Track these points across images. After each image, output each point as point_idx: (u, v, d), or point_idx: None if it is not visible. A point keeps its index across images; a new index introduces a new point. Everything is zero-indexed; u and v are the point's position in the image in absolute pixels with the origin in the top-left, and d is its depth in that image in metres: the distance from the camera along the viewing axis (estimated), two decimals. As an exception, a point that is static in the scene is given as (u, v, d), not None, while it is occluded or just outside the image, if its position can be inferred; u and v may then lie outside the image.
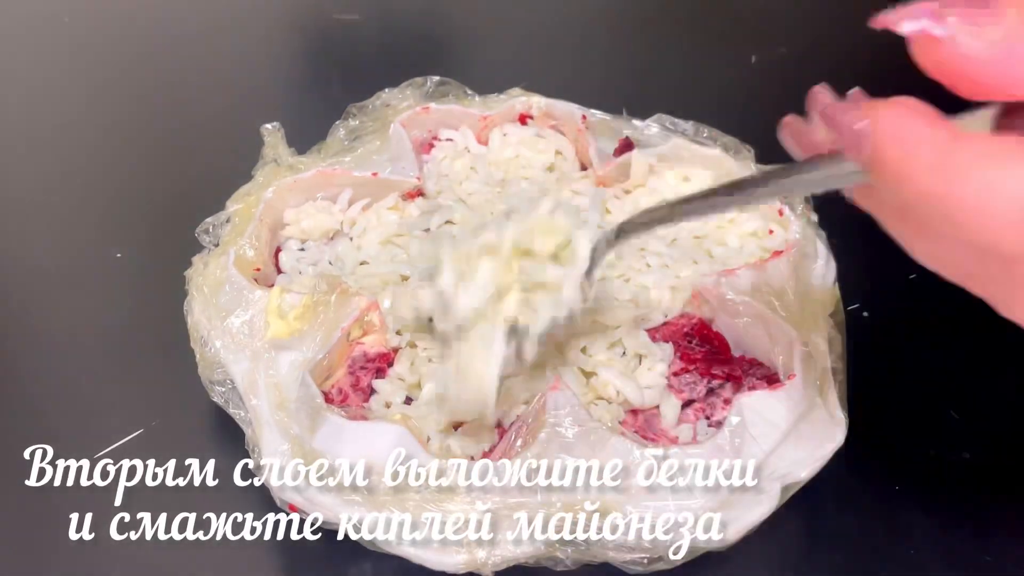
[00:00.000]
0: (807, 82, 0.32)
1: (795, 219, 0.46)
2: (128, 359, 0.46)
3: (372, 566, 0.38)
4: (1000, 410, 0.45)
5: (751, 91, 0.65)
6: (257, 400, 0.40)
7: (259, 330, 0.42)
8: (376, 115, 0.54)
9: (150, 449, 0.42)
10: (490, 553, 0.34)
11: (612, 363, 0.42)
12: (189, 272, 0.45)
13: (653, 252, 0.46)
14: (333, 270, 0.46)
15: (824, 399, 0.40)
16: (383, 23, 0.73)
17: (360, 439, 0.36)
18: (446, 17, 0.75)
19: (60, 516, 0.40)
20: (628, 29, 0.73)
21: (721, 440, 0.37)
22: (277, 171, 0.49)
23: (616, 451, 0.36)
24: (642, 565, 0.35)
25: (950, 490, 0.41)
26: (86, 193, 0.57)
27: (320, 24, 0.74)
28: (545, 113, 0.54)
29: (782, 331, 0.41)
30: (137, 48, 0.71)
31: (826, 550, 0.39)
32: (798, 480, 0.38)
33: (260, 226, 0.46)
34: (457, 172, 0.52)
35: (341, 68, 0.69)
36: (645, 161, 0.49)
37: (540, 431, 0.36)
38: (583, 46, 0.71)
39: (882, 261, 0.52)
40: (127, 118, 0.64)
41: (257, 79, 0.68)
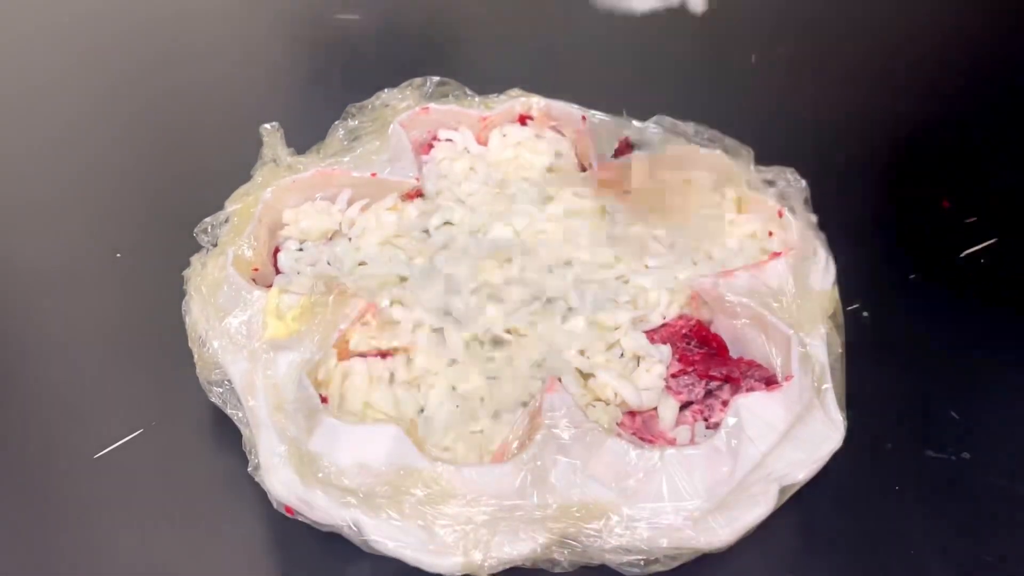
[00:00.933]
0: (807, 82, 0.32)
1: (795, 221, 0.46)
2: (128, 359, 0.46)
3: (370, 568, 0.38)
4: (1000, 410, 0.45)
5: (751, 91, 0.66)
6: (255, 401, 0.40)
7: (257, 330, 0.42)
8: (375, 115, 0.53)
9: (150, 449, 0.42)
10: (486, 555, 0.34)
11: (610, 365, 0.42)
12: (187, 272, 0.45)
13: (653, 253, 0.46)
14: (331, 270, 0.46)
15: (822, 401, 0.40)
16: (383, 23, 0.73)
17: (356, 441, 0.36)
18: (446, 17, 0.75)
19: (60, 516, 0.40)
20: (628, 29, 0.73)
21: (718, 442, 0.37)
22: (276, 171, 0.49)
23: (612, 453, 0.36)
24: (639, 567, 0.35)
25: (950, 490, 0.41)
26: (86, 194, 0.57)
27: (320, 24, 0.74)
28: (544, 114, 0.54)
29: (780, 333, 0.41)
30: (136, 49, 0.71)
31: (826, 550, 0.39)
32: (796, 482, 0.38)
33: (259, 226, 0.46)
34: (456, 173, 0.52)
35: (341, 68, 0.69)
36: (645, 163, 0.49)
37: (536, 433, 0.36)
38: (583, 46, 0.71)
39: (882, 261, 0.52)
40: (126, 119, 0.63)
41: (256, 79, 0.68)
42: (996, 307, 0.50)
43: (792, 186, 0.48)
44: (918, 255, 0.53)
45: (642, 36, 0.68)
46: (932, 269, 0.52)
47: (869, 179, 0.59)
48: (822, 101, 0.65)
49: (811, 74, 0.67)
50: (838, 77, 0.67)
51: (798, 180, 0.48)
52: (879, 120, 0.65)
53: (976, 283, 0.51)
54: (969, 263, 0.52)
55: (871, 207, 0.57)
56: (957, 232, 0.54)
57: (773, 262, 0.44)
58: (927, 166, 0.61)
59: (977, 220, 0.55)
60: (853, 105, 0.65)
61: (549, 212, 0.49)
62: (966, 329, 0.48)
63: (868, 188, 0.58)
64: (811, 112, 0.64)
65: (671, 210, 0.49)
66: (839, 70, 0.68)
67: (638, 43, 0.68)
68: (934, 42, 0.74)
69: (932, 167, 0.60)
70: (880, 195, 0.58)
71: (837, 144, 0.61)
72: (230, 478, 0.40)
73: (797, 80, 0.66)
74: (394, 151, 0.51)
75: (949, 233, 0.54)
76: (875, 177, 0.59)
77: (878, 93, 0.66)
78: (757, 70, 0.66)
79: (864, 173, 0.59)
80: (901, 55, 0.71)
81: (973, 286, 0.51)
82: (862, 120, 0.64)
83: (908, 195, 0.58)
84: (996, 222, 0.55)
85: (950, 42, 0.74)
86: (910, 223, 0.55)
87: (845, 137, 0.62)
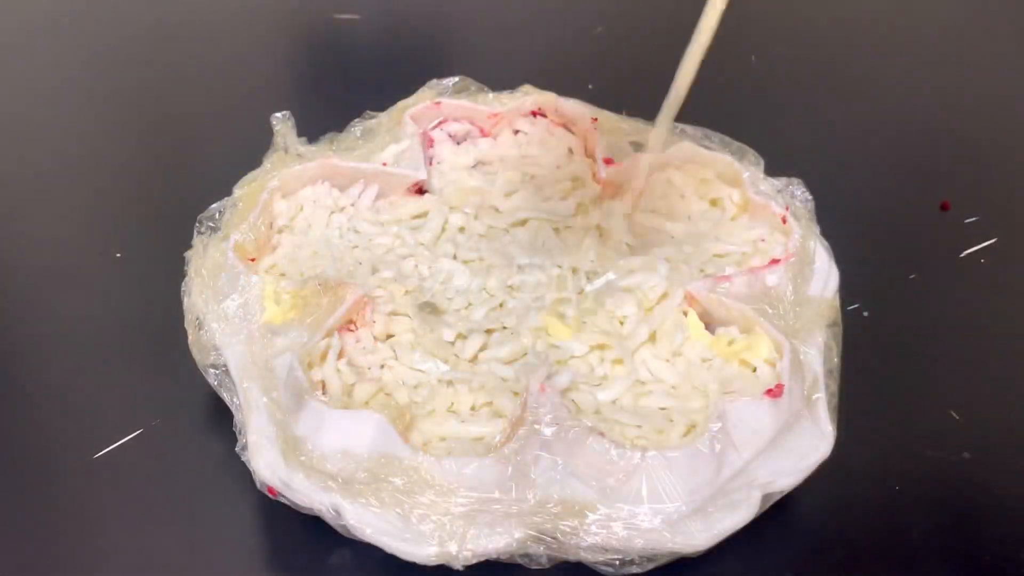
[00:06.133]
0: (807, 82, 0.32)
1: (797, 227, 0.46)
2: (128, 359, 0.47)
3: (352, 553, 0.38)
4: (1000, 410, 0.44)
5: (751, 91, 0.65)
6: (249, 383, 0.40)
7: (254, 314, 0.42)
8: (391, 115, 0.54)
9: (150, 449, 0.43)
10: (461, 547, 0.34)
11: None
12: (189, 253, 0.45)
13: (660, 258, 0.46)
14: (328, 260, 0.46)
15: (812, 410, 0.40)
16: (383, 23, 0.74)
17: (340, 427, 0.37)
18: (446, 17, 0.76)
19: (60, 516, 0.40)
20: (627, 29, 0.73)
21: (701, 445, 0.36)
22: (284, 159, 0.50)
23: (593, 450, 0.36)
24: (614, 566, 0.35)
25: (950, 490, 0.41)
26: (86, 194, 0.57)
27: (319, 24, 0.74)
28: (555, 110, 0.54)
29: (773, 339, 0.40)
30: (136, 49, 0.71)
31: (825, 550, 0.39)
32: (779, 489, 0.37)
33: (262, 212, 0.46)
34: (463, 168, 0.52)
35: (340, 68, 0.70)
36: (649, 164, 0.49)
37: (519, 428, 0.37)
38: (583, 46, 0.71)
39: (882, 261, 0.52)
40: (126, 119, 0.64)
41: (256, 79, 0.68)
42: (996, 307, 0.50)
43: (798, 199, 0.48)
44: (918, 255, 0.53)
45: (641, 35, 0.69)
46: (932, 269, 0.51)
47: (869, 179, 0.59)
48: (822, 101, 0.65)
49: (811, 74, 0.66)
50: (838, 77, 0.67)
51: (804, 193, 0.48)
52: (879, 119, 0.64)
53: (976, 283, 0.51)
54: (969, 263, 0.52)
55: (871, 207, 0.56)
56: (957, 232, 0.54)
57: (772, 267, 0.44)
58: (927, 166, 0.60)
59: (977, 220, 0.54)
60: (853, 105, 0.65)
61: (551, 212, 0.49)
62: (966, 329, 0.48)
63: (868, 188, 0.58)
64: (811, 112, 0.64)
65: (675, 212, 0.49)
66: (839, 70, 0.68)
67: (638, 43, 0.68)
68: (934, 42, 0.74)
69: (932, 167, 0.60)
70: (880, 195, 0.58)
71: (837, 144, 0.61)
72: (230, 476, 0.40)
73: (797, 80, 0.66)
74: (403, 144, 0.51)
75: (949, 233, 0.54)
76: (875, 177, 0.59)
77: (878, 92, 0.66)
78: (757, 70, 0.66)
79: (864, 173, 0.59)
80: (901, 55, 0.70)
81: (973, 286, 0.51)
82: (862, 120, 0.64)
83: (908, 195, 0.57)
84: (996, 222, 0.54)
85: (950, 42, 0.74)
86: (910, 223, 0.55)
87: (845, 137, 0.62)
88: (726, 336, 0.42)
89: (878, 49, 0.72)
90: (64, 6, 0.76)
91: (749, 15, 0.70)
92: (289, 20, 0.76)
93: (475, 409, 0.40)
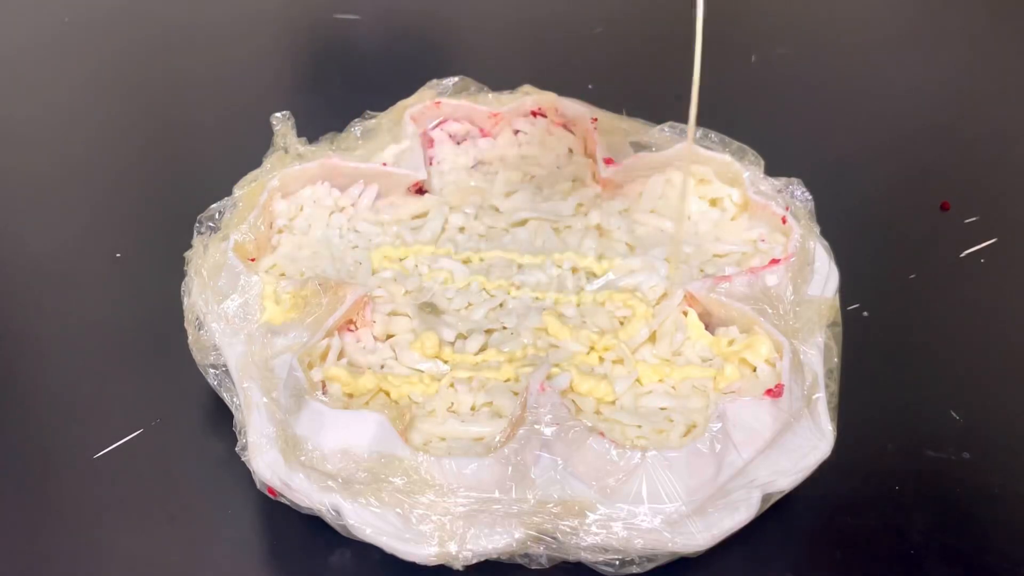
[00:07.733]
0: (807, 82, 0.32)
1: (797, 227, 0.46)
2: (128, 359, 0.47)
3: (352, 553, 0.38)
4: (1000, 410, 0.44)
5: (751, 91, 0.65)
6: (249, 383, 0.40)
7: (254, 314, 0.42)
8: (391, 115, 0.54)
9: (150, 449, 0.42)
10: (461, 547, 0.34)
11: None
12: (189, 253, 0.45)
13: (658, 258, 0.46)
14: (328, 260, 0.46)
15: (812, 411, 0.40)
16: (383, 23, 0.74)
17: (340, 427, 0.37)
18: (446, 17, 0.76)
19: (60, 516, 0.40)
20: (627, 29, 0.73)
21: (701, 445, 0.36)
22: (284, 159, 0.50)
23: (593, 450, 0.36)
24: (614, 566, 0.35)
25: (950, 490, 0.41)
26: (86, 195, 0.58)
27: (320, 24, 0.74)
28: (555, 110, 0.54)
29: (773, 339, 0.40)
30: (136, 50, 0.71)
31: (825, 550, 0.39)
32: (779, 490, 0.37)
33: (262, 212, 0.46)
34: (463, 168, 0.52)
35: (340, 68, 0.70)
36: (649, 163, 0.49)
37: (520, 428, 0.37)
38: (582, 46, 0.71)
39: (882, 261, 0.52)
40: (126, 120, 0.64)
41: (256, 79, 0.68)
42: (996, 307, 0.50)
43: (798, 199, 0.48)
44: (918, 255, 0.53)
45: (641, 35, 0.69)
46: (932, 269, 0.51)
47: (869, 179, 0.59)
48: (822, 101, 0.65)
49: (811, 74, 0.66)
50: (838, 77, 0.67)
51: (804, 193, 0.48)
52: (879, 120, 0.64)
53: (976, 283, 0.51)
54: (969, 263, 0.52)
55: (871, 207, 0.56)
56: (957, 232, 0.54)
57: (771, 268, 0.44)
58: (927, 166, 0.60)
59: (977, 220, 0.54)
60: (853, 105, 0.65)
61: (551, 212, 0.49)
62: (966, 329, 0.48)
63: (868, 188, 0.58)
64: (811, 112, 0.64)
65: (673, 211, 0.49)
66: (839, 70, 0.68)
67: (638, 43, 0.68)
68: (934, 42, 0.74)
69: (932, 167, 0.60)
70: (880, 195, 0.58)
71: (837, 144, 0.61)
72: (230, 475, 0.40)
73: (797, 80, 0.66)
74: (403, 144, 0.51)
75: (949, 233, 0.54)
76: (875, 177, 0.59)
77: (878, 93, 0.66)
78: (757, 70, 0.66)
79: (864, 173, 0.59)
80: (901, 55, 0.70)
81: (973, 286, 0.51)
82: (862, 120, 0.64)
83: (908, 195, 0.57)
84: (996, 222, 0.55)
85: (951, 42, 0.74)
86: (910, 223, 0.55)
87: (845, 137, 0.62)
88: (726, 336, 0.42)
89: (878, 49, 0.72)
90: (64, 6, 0.76)
91: (749, 15, 0.70)
92: (289, 20, 0.76)
93: (475, 409, 0.40)
